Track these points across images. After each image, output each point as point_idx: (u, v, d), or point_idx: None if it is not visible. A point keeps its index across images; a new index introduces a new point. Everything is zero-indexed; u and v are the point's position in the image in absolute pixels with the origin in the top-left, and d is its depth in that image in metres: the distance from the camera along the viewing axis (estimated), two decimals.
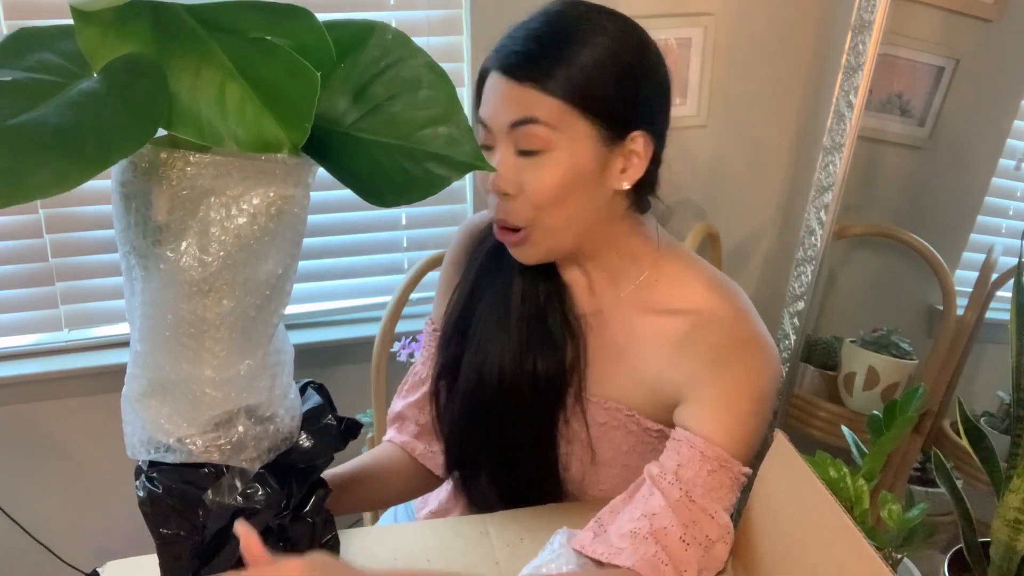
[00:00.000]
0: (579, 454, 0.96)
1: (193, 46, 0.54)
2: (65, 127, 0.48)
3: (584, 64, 0.80)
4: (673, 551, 0.79)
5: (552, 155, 0.81)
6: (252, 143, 0.55)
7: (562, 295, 0.94)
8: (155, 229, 0.60)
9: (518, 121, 0.81)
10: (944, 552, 1.01)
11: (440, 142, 0.61)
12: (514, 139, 0.82)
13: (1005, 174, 1.58)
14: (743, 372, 0.85)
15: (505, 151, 0.83)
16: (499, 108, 0.82)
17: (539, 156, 0.82)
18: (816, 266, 1.46)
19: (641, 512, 0.81)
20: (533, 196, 0.83)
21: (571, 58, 0.80)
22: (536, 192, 0.82)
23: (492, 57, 0.84)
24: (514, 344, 0.93)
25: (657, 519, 0.80)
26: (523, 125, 0.81)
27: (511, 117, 0.81)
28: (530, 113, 0.80)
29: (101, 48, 0.54)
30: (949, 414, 1.55)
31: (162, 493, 0.68)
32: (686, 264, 0.92)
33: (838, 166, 1.40)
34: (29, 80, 0.52)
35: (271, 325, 0.67)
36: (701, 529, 0.81)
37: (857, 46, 1.37)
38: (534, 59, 0.81)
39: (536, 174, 0.82)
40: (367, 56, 0.62)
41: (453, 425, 0.99)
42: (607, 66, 0.81)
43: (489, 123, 0.84)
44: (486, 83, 0.85)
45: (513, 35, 0.84)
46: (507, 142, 0.82)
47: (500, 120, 0.82)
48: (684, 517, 0.80)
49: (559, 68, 0.80)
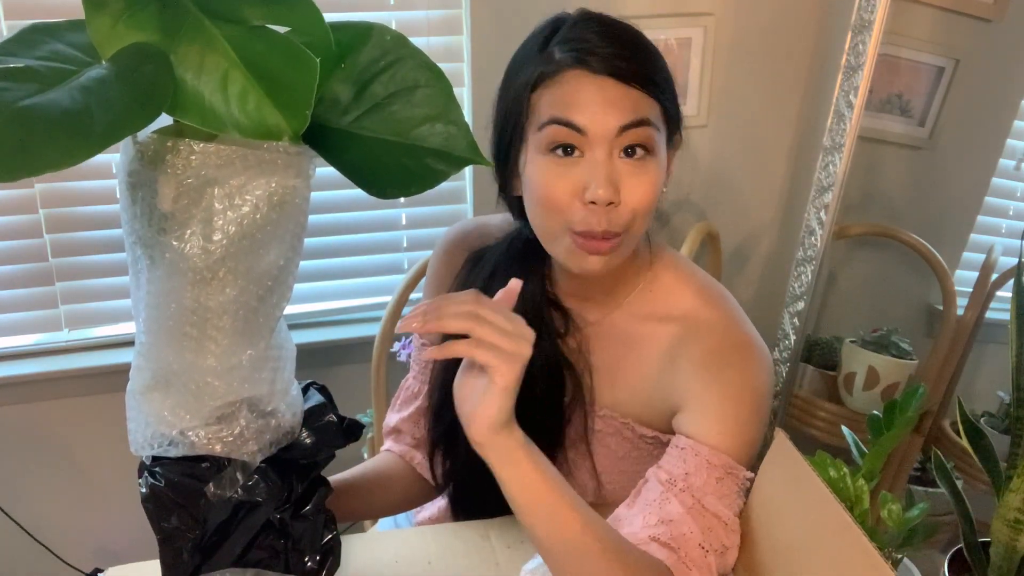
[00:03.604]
0: (577, 460, 0.96)
1: (197, 35, 0.56)
2: (74, 108, 0.50)
3: (661, 67, 0.82)
4: (694, 558, 0.78)
5: (654, 159, 0.81)
6: (254, 130, 0.56)
7: (563, 311, 0.93)
8: (161, 218, 0.61)
9: (632, 123, 0.78)
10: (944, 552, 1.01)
11: (438, 139, 0.63)
12: (620, 143, 0.79)
13: (1005, 174, 1.58)
14: (738, 376, 0.85)
15: (609, 156, 0.79)
16: (605, 109, 0.78)
17: (643, 161, 0.80)
18: (816, 266, 1.46)
19: (659, 518, 0.80)
20: (638, 201, 0.80)
21: (653, 61, 0.82)
22: (642, 197, 0.80)
23: (573, 59, 0.79)
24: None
25: (676, 526, 0.79)
26: (637, 128, 0.79)
27: (623, 120, 0.78)
28: (643, 114, 0.79)
29: (110, 38, 0.56)
30: (949, 414, 1.55)
31: (164, 486, 0.68)
32: (677, 270, 0.92)
33: (838, 166, 1.40)
34: (41, 67, 0.54)
35: (273, 317, 0.67)
36: (717, 536, 0.80)
37: (857, 46, 1.37)
38: (634, 62, 0.79)
39: (640, 179, 0.80)
40: (366, 56, 0.64)
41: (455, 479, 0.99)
42: (668, 71, 0.83)
43: (586, 124, 0.78)
44: (564, 86, 0.80)
45: (592, 37, 0.80)
46: (612, 146, 0.79)
47: (607, 124, 0.78)
48: (701, 524, 0.79)
49: (654, 72, 0.81)
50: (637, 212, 0.80)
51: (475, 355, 0.69)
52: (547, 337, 0.92)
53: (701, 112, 1.67)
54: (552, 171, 0.80)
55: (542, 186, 0.81)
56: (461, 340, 0.70)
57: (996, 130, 1.56)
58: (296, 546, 0.74)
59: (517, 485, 0.73)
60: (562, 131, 0.79)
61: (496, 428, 0.71)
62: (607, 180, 0.78)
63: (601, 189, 0.77)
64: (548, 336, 0.92)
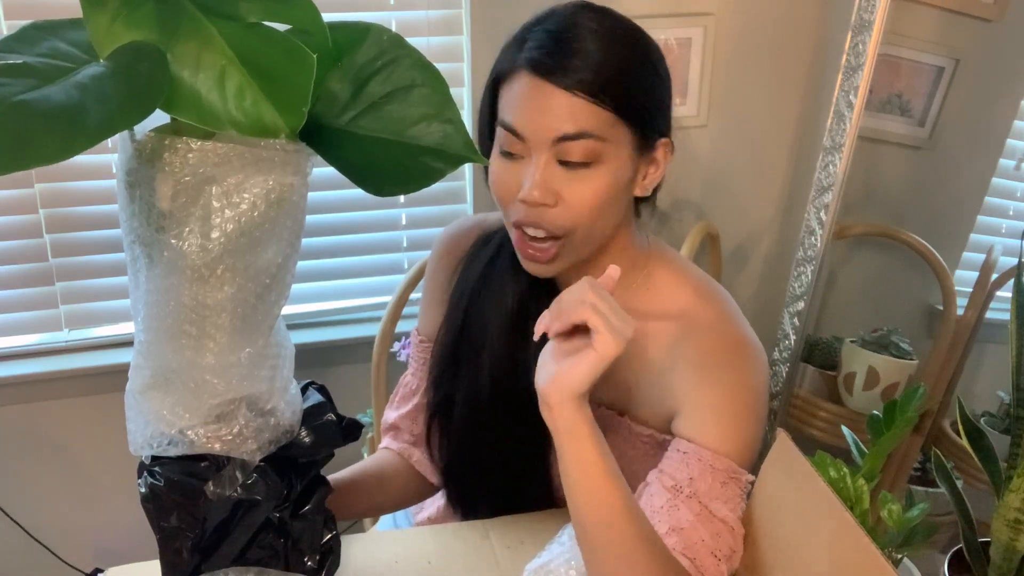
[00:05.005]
0: None
1: (194, 32, 0.56)
2: (69, 103, 0.50)
3: (629, 73, 0.78)
4: (707, 566, 0.78)
5: (599, 168, 0.78)
6: (251, 128, 0.56)
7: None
8: (159, 216, 0.61)
9: (570, 136, 0.77)
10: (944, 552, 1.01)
11: (434, 137, 0.63)
12: (558, 151, 0.78)
13: (1005, 174, 1.58)
14: (735, 376, 0.84)
15: (545, 161, 0.78)
16: (543, 119, 0.77)
17: (585, 168, 0.78)
18: (816, 266, 1.46)
19: (669, 526, 0.79)
20: (575, 208, 0.79)
21: (618, 67, 0.78)
22: (579, 204, 0.79)
23: (526, 60, 0.78)
24: (508, 360, 0.92)
25: (687, 534, 0.78)
26: (574, 140, 0.77)
27: (560, 130, 0.77)
28: (583, 127, 0.76)
29: (108, 36, 0.56)
30: (949, 414, 1.55)
31: (163, 486, 0.68)
32: (674, 269, 0.92)
33: (838, 166, 1.40)
34: (40, 64, 0.55)
35: (272, 315, 0.67)
36: (725, 542, 0.80)
37: (857, 46, 1.37)
38: (586, 68, 0.76)
39: (579, 186, 0.78)
40: (364, 56, 0.64)
41: (450, 458, 0.99)
42: (644, 74, 0.80)
43: (525, 132, 0.78)
44: (514, 87, 0.79)
45: (548, 39, 0.78)
46: (549, 153, 0.78)
47: (544, 132, 0.77)
48: (711, 530, 0.79)
49: (614, 79, 0.77)
50: (577, 217, 0.80)
51: (591, 318, 0.70)
52: None
53: (701, 112, 1.67)
54: (500, 167, 0.82)
55: (492, 182, 0.83)
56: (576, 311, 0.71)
57: (996, 130, 1.56)
58: (296, 545, 0.74)
59: (574, 457, 0.73)
60: (507, 135, 0.80)
61: (573, 395, 0.71)
62: (538, 184, 0.78)
63: (535, 191, 0.78)
64: None
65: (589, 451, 0.72)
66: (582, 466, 0.73)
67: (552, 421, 0.73)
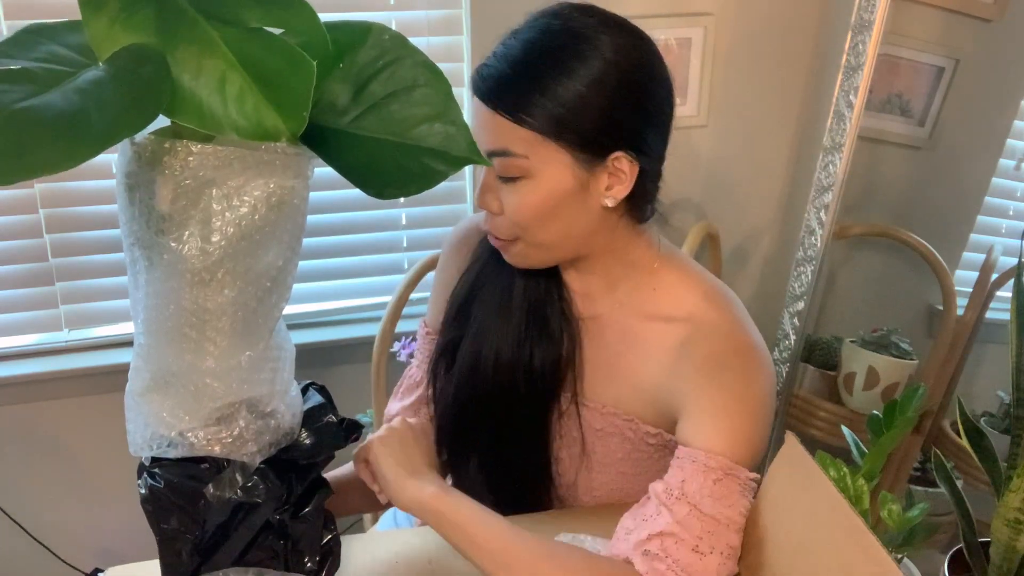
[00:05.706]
0: (572, 455, 0.96)
1: (195, 36, 0.56)
2: (71, 110, 0.50)
3: (564, 97, 0.78)
4: (686, 563, 0.78)
5: (529, 181, 0.81)
6: (252, 132, 0.56)
7: (561, 292, 0.94)
8: (159, 219, 0.61)
9: (491, 152, 0.81)
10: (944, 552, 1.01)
11: (436, 138, 0.62)
12: (496, 164, 0.82)
13: (1005, 174, 1.58)
14: (738, 380, 0.84)
15: (489, 172, 0.84)
16: (479, 134, 0.82)
17: (516, 182, 0.82)
18: (816, 266, 1.46)
19: (649, 533, 0.80)
20: (513, 217, 0.84)
21: (551, 89, 0.78)
22: (515, 214, 0.83)
23: (474, 74, 0.83)
24: (512, 331, 0.93)
25: (663, 537, 0.79)
26: (496, 156, 0.81)
27: (486, 145, 0.81)
28: (502, 145, 0.80)
29: (107, 39, 0.55)
30: (949, 414, 1.55)
31: (163, 488, 0.68)
32: (684, 272, 0.92)
33: (838, 166, 1.40)
34: (38, 69, 0.54)
35: (272, 318, 0.67)
36: (720, 538, 0.79)
37: (857, 46, 1.37)
38: (509, 88, 0.79)
39: (514, 198, 0.83)
40: (365, 56, 0.64)
41: (447, 405, 1.00)
42: (591, 97, 0.79)
43: None
44: None
45: (496, 52, 0.82)
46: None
47: (481, 146, 0.79)
48: (696, 530, 0.79)
49: (535, 99, 0.78)
50: (514, 225, 0.84)
51: (361, 473, 0.88)
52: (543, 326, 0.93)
53: (701, 112, 1.67)
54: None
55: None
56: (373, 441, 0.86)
57: (996, 130, 1.56)
58: (296, 547, 0.74)
59: (446, 532, 0.81)
60: None
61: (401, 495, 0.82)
62: (480, 192, 0.85)
63: (477, 199, 0.86)
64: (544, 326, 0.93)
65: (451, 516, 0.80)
66: (456, 533, 0.80)
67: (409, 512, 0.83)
